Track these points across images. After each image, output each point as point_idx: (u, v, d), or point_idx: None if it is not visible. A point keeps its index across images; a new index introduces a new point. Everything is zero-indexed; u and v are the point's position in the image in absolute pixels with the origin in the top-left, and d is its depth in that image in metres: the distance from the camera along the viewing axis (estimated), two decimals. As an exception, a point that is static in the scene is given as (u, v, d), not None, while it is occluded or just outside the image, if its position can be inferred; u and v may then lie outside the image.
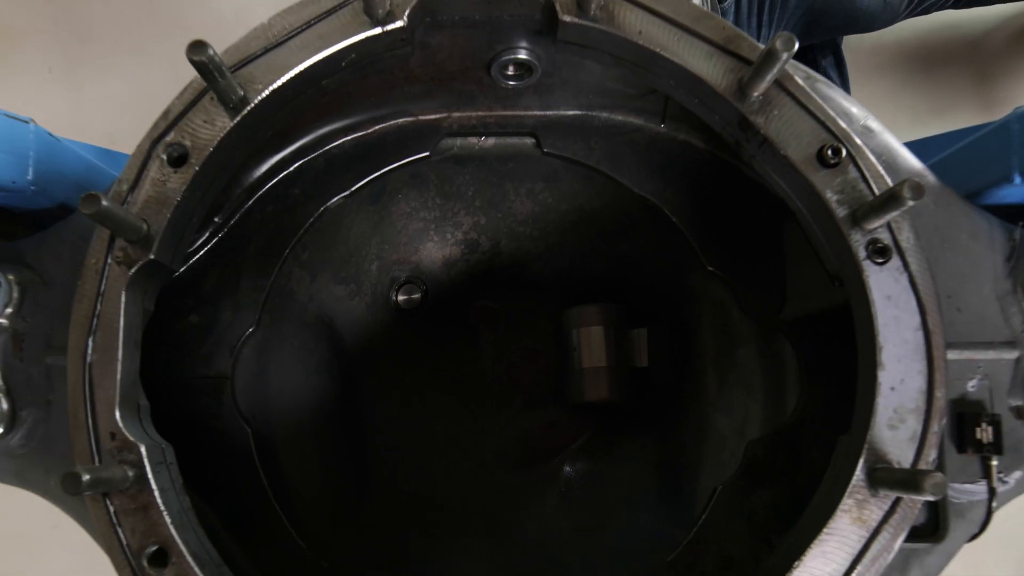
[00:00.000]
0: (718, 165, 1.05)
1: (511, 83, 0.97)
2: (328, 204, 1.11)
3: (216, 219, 1.06)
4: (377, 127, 1.09)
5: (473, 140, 1.12)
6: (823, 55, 2.41)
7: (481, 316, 1.25)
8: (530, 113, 1.08)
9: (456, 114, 1.08)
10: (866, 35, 2.46)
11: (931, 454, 0.70)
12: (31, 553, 2.53)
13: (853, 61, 2.50)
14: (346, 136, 1.09)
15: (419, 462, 1.18)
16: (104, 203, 0.67)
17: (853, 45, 2.54)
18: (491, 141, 1.12)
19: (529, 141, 1.11)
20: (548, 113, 1.09)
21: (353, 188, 1.11)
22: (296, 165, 1.09)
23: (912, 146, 0.87)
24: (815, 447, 0.97)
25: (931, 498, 0.65)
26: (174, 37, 2.60)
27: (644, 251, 1.14)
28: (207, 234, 1.05)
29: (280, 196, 1.10)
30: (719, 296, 1.10)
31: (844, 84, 2.41)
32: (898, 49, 2.63)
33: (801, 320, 1.00)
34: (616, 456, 1.19)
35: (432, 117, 1.10)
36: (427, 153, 1.12)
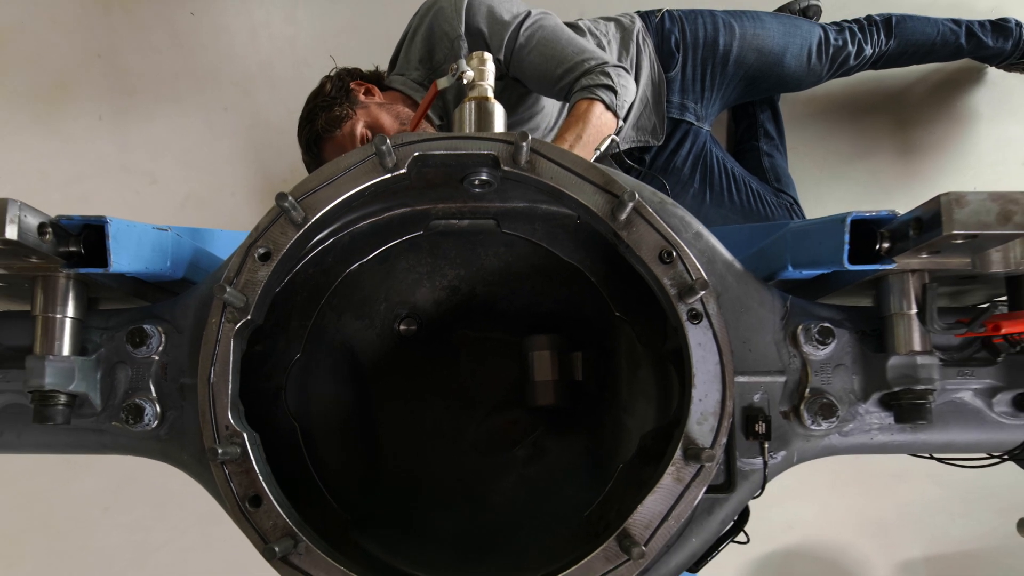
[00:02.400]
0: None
1: (477, 190, 1.31)
2: (351, 267, 1.48)
3: (275, 279, 1.46)
4: (386, 214, 1.42)
5: (454, 221, 1.44)
6: (761, 109, 2.78)
7: (462, 341, 1.56)
8: (492, 205, 1.41)
9: (440, 206, 1.42)
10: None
11: (722, 440, 1.15)
12: (86, 532, 2.94)
13: (789, 111, 2.89)
14: (364, 221, 1.41)
15: (415, 448, 1.50)
16: (228, 289, 1.14)
17: (789, 97, 2.91)
18: (466, 222, 1.44)
19: (492, 222, 1.44)
20: (505, 205, 1.40)
21: (369, 256, 1.48)
22: (330, 241, 1.41)
23: (735, 233, 1.32)
24: (684, 437, 1.39)
25: (708, 464, 1.11)
26: (208, 89, 2.99)
27: (576, 298, 1.53)
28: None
29: (318, 262, 1.43)
30: (627, 332, 1.49)
31: (779, 132, 2.80)
32: (828, 100, 2.97)
33: (677, 350, 1.38)
34: (558, 445, 1.52)
35: (424, 207, 1.42)
36: (421, 231, 1.45)
